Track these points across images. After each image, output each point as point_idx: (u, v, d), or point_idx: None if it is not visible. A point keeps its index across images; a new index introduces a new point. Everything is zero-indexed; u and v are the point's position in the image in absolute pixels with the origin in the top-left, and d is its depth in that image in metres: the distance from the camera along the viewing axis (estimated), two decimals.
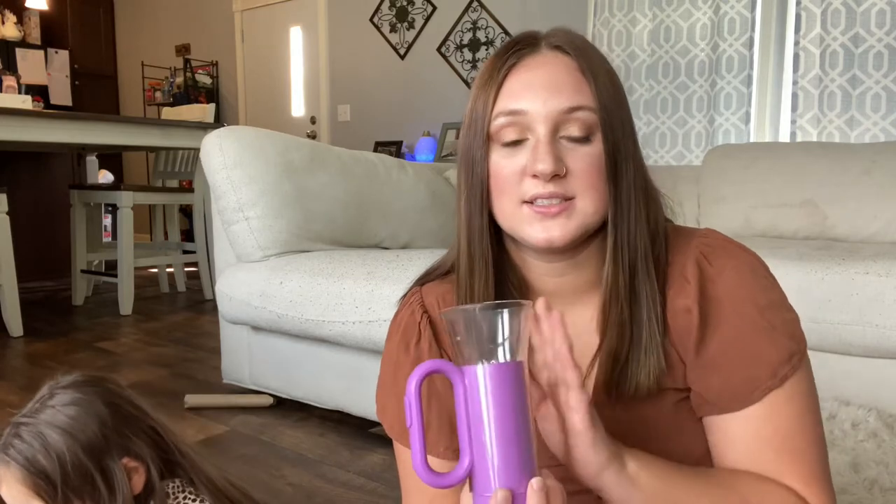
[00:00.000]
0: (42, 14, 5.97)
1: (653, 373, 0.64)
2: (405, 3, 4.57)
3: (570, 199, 0.63)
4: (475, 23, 4.27)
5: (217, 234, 2.11)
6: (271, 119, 5.35)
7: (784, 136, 3.17)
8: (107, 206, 4.29)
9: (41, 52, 5.97)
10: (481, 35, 4.25)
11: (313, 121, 5.17)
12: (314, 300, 1.75)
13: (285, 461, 1.66)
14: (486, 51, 4.24)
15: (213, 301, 2.94)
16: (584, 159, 0.63)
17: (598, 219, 0.64)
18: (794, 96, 2.98)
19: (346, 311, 1.69)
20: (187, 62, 5.66)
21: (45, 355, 2.66)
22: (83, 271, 3.66)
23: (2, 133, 2.83)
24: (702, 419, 0.66)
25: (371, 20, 4.74)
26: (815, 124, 2.92)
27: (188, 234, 4.75)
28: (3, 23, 5.76)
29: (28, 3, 5.51)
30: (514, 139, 0.64)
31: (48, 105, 5.59)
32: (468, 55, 4.32)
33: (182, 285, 4.14)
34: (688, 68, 3.30)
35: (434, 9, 4.44)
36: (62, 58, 6.08)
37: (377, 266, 1.74)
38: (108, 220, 4.84)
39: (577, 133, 0.63)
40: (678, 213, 0.75)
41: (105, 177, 5.48)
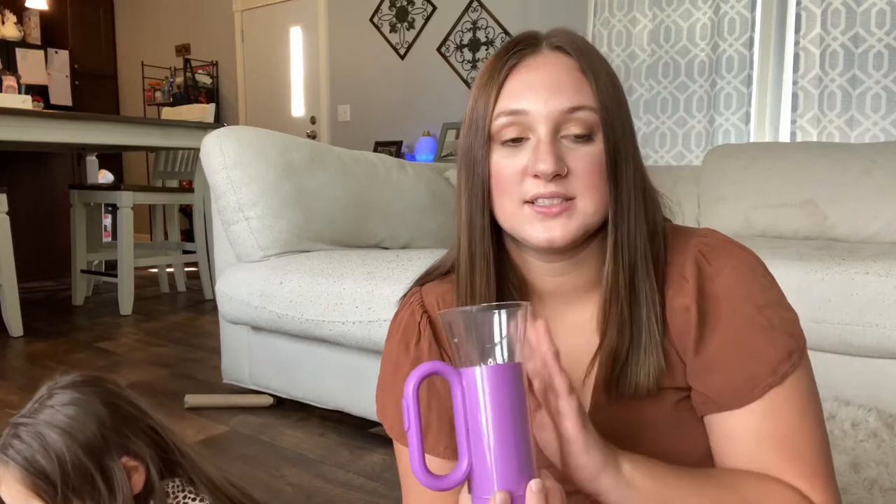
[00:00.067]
0: (42, 14, 5.98)
1: (652, 372, 0.64)
2: (405, 3, 4.57)
3: (570, 199, 0.63)
4: (475, 23, 4.27)
5: (217, 234, 2.11)
6: (271, 119, 5.35)
7: (784, 136, 3.17)
8: (107, 206, 4.29)
9: (41, 52, 5.97)
10: (481, 35, 4.25)
11: (313, 121, 5.17)
12: (314, 300, 1.75)
13: (285, 461, 1.66)
14: (486, 51, 4.24)
15: (213, 301, 2.94)
16: (585, 159, 0.63)
17: (599, 219, 0.65)
18: (794, 96, 2.98)
19: (346, 311, 1.69)
20: (187, 62, 5.66)
21: (45, 355, 2.66)
22: (83, 271, 3.66)
23: (2, 133, 2.83)
24: (703, 418, 0.66)
25: (371, 20, 4.74)
26: (815, 124, 2.92)
27: (188, 234, 4.75)
28: (3, 23, 5.77)
29: (28, 3, 5.51)
30: (515, 137, 0.64)
31: (48, 105, 5.59)
32: (468, 55, 4.32)
33: (182, 285, 4.14)
34: (688, 68, 3.30)
35: (434, 9, 4.44)
36: (62, 58, 6.08)
37: (377, 266, 1.74)
38: (108, 220, 4.84)
39: (579, 133, 0.63)
40: (677, 212, 0.75)
41: (105, 177, 5.49)
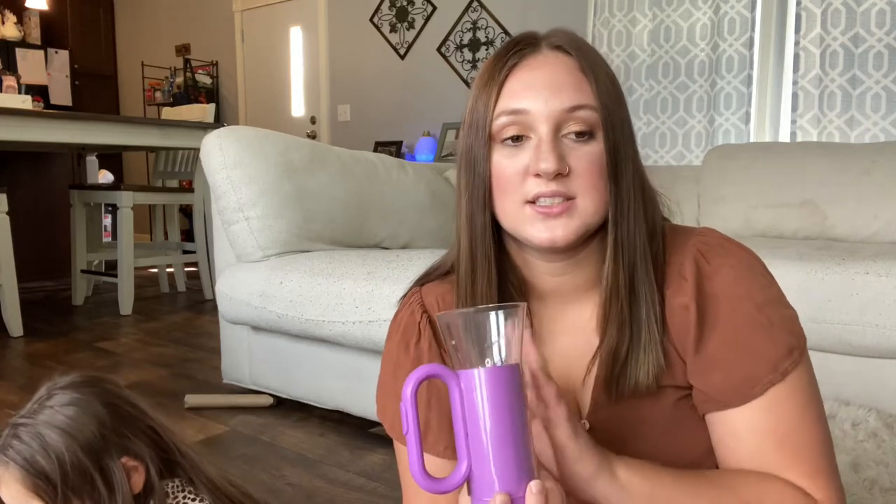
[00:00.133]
0: (42, 14, 5.98)
1: (652, 371, 0.64)
2: (405, 3, 4.57)
3: (571, 198, 0.63)
4: (475, 23, 4.27)
5: (217, 234, 2.11)
6: (271, 119, 5.35)
7: (784, 136, 3.17)
8: (107, 206, 4.29)
9: (41, 52, 5.97)
10: (481, 35, 4.25)
11: (313, 121, 5.17)
12: (314, 300, 1.75)
13: (285, 461, 1.66)
14: (486, 51, 4.24)
15: (213, 301, 2.94)
16: (586, 158, 0.63)
17: (599, 218, 0.65)
18: (794, 96, 2.98)
19: (346, 311, 1.69)
20: (187, 62, 5.66)
21: (45, 355, 2.66)
22: (83, 271, 3.66)
23: (2, 133, 2.83)
24: (704, 417, 0.66)
25: (371, 20, 4.74)
26: (815, 124, 2.92)
27: (188, 234, 4.75)
28: (3, 23, 5.77)
29: (28, 3, 5.51)
30: (516, 135, 0.64)
31: (48, 105, 5.59)
32: (468, 55, 4.32)
33: (182, 285, 4.14)
34: (688, 68, 3.30)
35: (434, 9, 4.44)
36: (62, 58, 6.08)
37: (377, 266, 1.74)
38: (108, 220, 4.84)
39: (580, 131, 0.63)
40: (676, 212, 0.75)
41: (105, 177, 5.49)
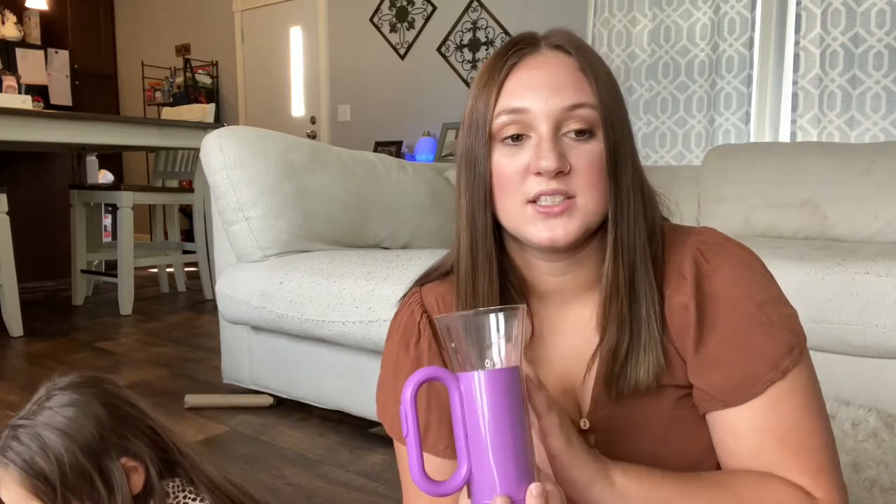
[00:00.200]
0: (42, 14, 5.98)
1: (652, 370, 0.64)
2: (405, 3, 4.57)
3: (571, 197, 0.63)
4: (475, 23, 4.27)
5: (217, 234, 2.11)
6: (271, 119, 5.35)
7: (784, 136, 3.17)
8: (107, 206, 4.29)
9: (41, 52, 5.97)
10: (481, 35, 4.25)
11: (313, 121, 5.17)
12: (314, 300, 1.75)
13: (285, 461, 1.66)
14: (486, 51, 4.24)
15: (213, 301, 2.94)
16: (586, 156, 0.63)
17: (599, 217, 0.65)
18: (794, 96, 2.98)
19: (346, 311, 1.69)
20: (187, 62, 5.66)
21: (45, 355, 2.66)
22: (83, 271, 3.66)
23: (2, 133, 2.83)
24: (704, 416, 0.66)
25: (371, 20, 4.74)
26: (815, 124, 2.92)
27: (188, 234, 4.75)
28: (3, 23, 5.77)
29: (28, 3, 5.51)
30: (516, 134, 0.64)
31: (48, 105, 5.59)
32: (468, 55, 4.32)
33: (182, 285, 4.14)
34: (688, 68, 3.30)
35: (434, 9, 4.44)
36: (62, 58, 6.08)
37: (377, 266, 1.74)
38: (108, 220, 4.84)
39: (580, 129, 0.63)
40: (675, 212, 0.76)
41: (105, 177, 5.49)
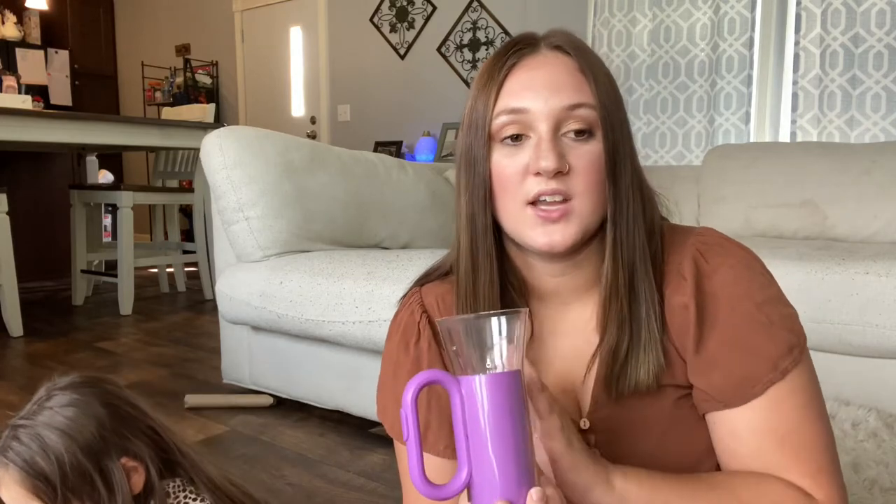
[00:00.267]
0: (42, 14, 5.98)
1: (652, 370, 0.64)
2: (405, 3, 4.57)
3: (569, 200, 0.63)
4: (475, 23, 4.27)
5: (217, 234, 2.11)
6: (271, 119, 5.35)
7: (784, 136, 3.17)
8: (107, 206, 4.29)
9: (41, 52, 5.97)
10: (481, 35, 4.25)
11: (313, 121, 5.17)
12: (314, 300, 1.75)
13: (285, 461, 1.66)
14: (486, 51, 4.24)
15: (213, 301, 2.94)
16: (586, 157, 0.63)
17: (597, 219, 0.65)
18: (794, 96, 2.98)
19: (346, 311, 1.69)
20: (187, 62, 5.66)
21: (45, 355, 2.66)
22: (83, 271, 3.66)
23: (2, 133, 2.83)
24: (704, 416, 0.66)
25: (371, 20, 4.74)
26: (815, 124, 2.92)
27: (188, 234, 4.75)
28: (3, 23, 5.76)
29: (28, 3, 5.51)
30: (515, 134, 0.64)
31: (48, 105, 5.59)
32: (468, 55, 4.32)
33: (182, 285, 4.14)
34: (688, 68, 3.30)
35: (434, 9, 4.44)
36: (62, 58, 6.08)
37: (377, 266, 1.74)
38: (108, 220, 4.84)
39: (579, 128, 0.63)
40: (675, 212, 0.76)
41: (105, 177, 5.49)
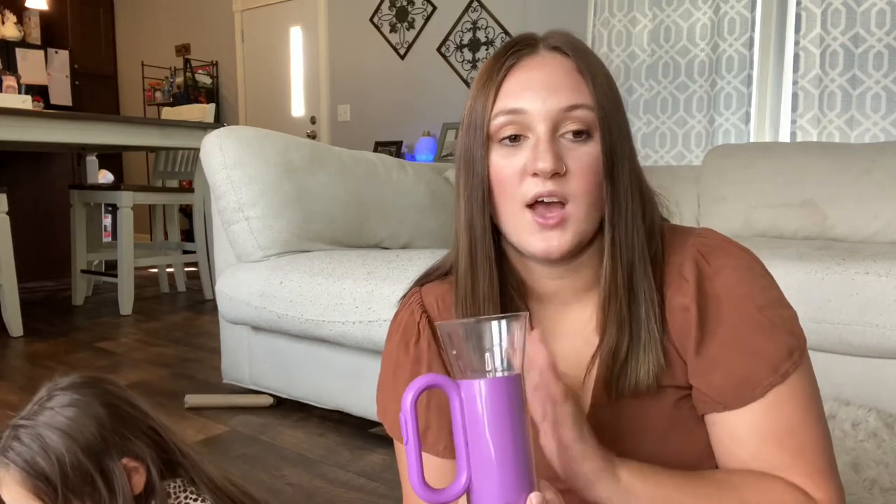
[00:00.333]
0: (42, 14, 5.97)
1: (652, 371, 0.64)
2: (405, 3, 4.57)
3: (566, 203, 0.63)
4: (475, 23, 4.27)
5: (217, 234, 2.11)
6: (271, 119, 5.35)
7: (784, 136, 3.17)
8: (107, 206, 4.29)
9: (41, 52, 5.97)
10: (481, 35, 4.25)
11: (313, 121, 5.18)
12: (314, 300, 1.75)
13: (285, 461, 1.66)
14: (486, 51, 4.24)
15: (213, 301, 2.94)
16: (583, 159, 0.63)
17: (593, 223, 0.65)
18: (794, 96, 2.98)
19: (346, 311, 1.69)
20: (187, 62, 5.66)
21: (45, 355, 2.66)
22: (83, 271, 3.66)
23: (2, 133, 2.83)
24: (703, 417, 0.66)
25: (371, 20, 4.74)
26: (815, 124, 2.92)
27: (188, 234, 4.75)
28: (3, 23, 5.76)
29: (28, 3, 5.51)
30: (513, 134, 0.64)
31: (48, 105, 5.59)
32: (468, 55, 4.32)
33: (182, 285, 4.14)
34: (688, 68, 3.30)
35: (434, 9, 4.44)
36: (62, 58, 6.08)
37: (377, 266, 1.74)
38: (108, 220, 4.84)
39: (577, 129, 0.63)
40: (675, 212, 0.76)
41: (105, 177, 5.49)
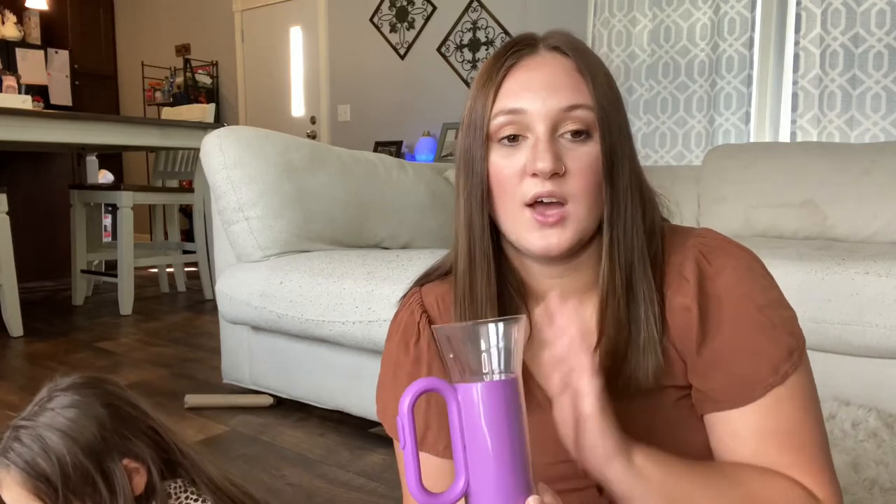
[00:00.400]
0: (42, 14, 5.97)
1: (652, 370, 0.64)
2: (405, 3, 4.57)
3: (565, 203, 0.63)
4: (475, 23, 4.27)
5: (217, 234, 2.11)
6: (271, 119, 5.35)
7: (784, 136, 3.17)
8: (107, 206, 4.29)
9: (41, 52, 5.97)
10: (481, 35, 4.25)
11: (313, 121, 5.18)
12: (314, 300, 1.75)
13: (285, 461, 1.66)
14: (486, 51, 4.24)
15: (213, 301, 2.94)
16: (583, 159, 0.63)
17: (593, 222, 0.65)
18: (794, 96, 2.98)
19: (346, 311, 1.69)
20: (187, 62, 5.66)
21: (45, 355, 2.66)
22: (83, 271, 3.66)
23: (2, 133, 2.83)
24: (702, 417, 0.67)
25: (371, 20, 4.74)
26: (815, 124, 2.92)
27: (188, 234, 4.75)
28: (3, 23, 5.76)
29: (28, 3, 5.51)
30: (513, 134, 0.64)
31: (48, 105, 5.59)
32: (468, 55, 4.32)
33: (182, 285, 4.14)
34: (688, 68, 3.30)
35: (434, 9, 4.44)
36: (62, 58, 6.08)
37: (377, 266, 1.74)
38: (108, 220, 4.84)
39: (576, 129, 0.63)
40: (675, 212, 0.76)
41: (105, 177, 5.49)
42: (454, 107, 4.28)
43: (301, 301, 1.78)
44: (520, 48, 0.66)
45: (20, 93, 3.82)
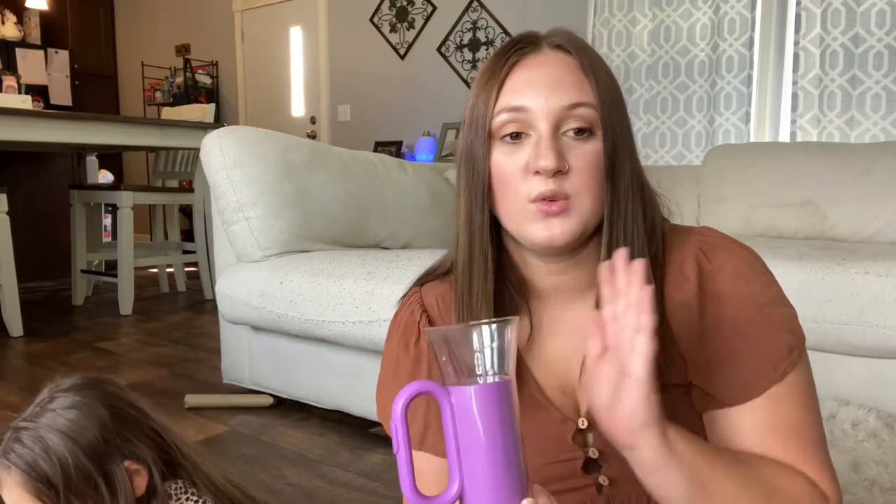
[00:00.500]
0: (42, 14, 5.98)
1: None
2: (405, 3, 4.57)
3: (569, 197, 0.63)
4: (475, 23, 4.27)
5: (217, 234, 2.11)
6: (271, 119, 5.35)
7: (784, 136, 3.17)
8: (107, 206, 4.29)
9: (41, 52, 5.97)
10: (481, 35, 4.25)
11: (313, 121, 5.18)
12: (314, 300, 1.75)
13: (285, 461, 1.66)
14: (486, 51, 4.24)
15: (213, 301, 2.94)
16: (585, 157, 0.63)
17: (597, 217, 0.65)
18: (794, 96, 2.98)
19: (346, 311, 1.69)
20: (187, 62, 5.66)
21: (45, 355, 2.66)
22: (83, 271, 3.66)
23: (2, 133, 2.83)
24: (702, 415, 0.67)
25: (371, 20, 4.74)
26: (815, 124, 2.93)
27: (188, 234, 4.75)
28: (3, 23, 5.76)
29: (28, 3, 5.51)
30: (515, 132, 0.64)
31: (48, 105, 5.59)
32: (468, 55, 4.32)
33: (182, 285, 4.14)
34: (688, 68, 3.30)
35: (434, 9, 4.44)
36: (62, 58, 6.08)
37: (377, 266, 1.74)
38: (108, 220, 4.84)
39: (579, 127, 0.63)
40: (676, 212, 0.76)
41: (105, 177, 5.49)
42: (454, 107, 4.28)
43: (301, 301, 1.78)
44: (522, 46, 0.66)
45: (20, 93, 3.82)
